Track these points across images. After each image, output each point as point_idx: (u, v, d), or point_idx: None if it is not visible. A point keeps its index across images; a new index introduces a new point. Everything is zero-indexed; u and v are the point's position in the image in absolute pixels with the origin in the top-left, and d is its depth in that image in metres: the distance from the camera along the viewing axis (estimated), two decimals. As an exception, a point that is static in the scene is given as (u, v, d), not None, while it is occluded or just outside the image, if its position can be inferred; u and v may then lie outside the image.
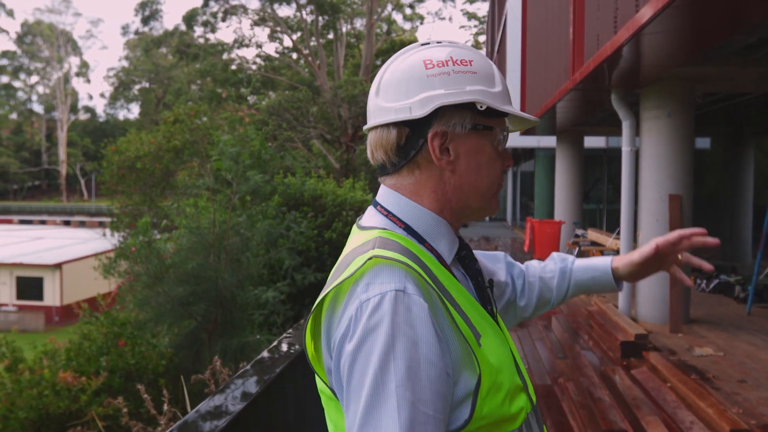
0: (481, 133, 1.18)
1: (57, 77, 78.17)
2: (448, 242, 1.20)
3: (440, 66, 1.17)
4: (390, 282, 1.03)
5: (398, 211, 1.20)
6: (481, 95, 1.15)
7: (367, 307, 1.01)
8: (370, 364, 0.98)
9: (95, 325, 7.98)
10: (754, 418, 4.75)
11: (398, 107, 1.17)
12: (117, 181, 17.06)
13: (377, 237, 1.13)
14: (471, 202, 1.21)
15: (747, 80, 7.76)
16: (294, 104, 22.27)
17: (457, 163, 1.18)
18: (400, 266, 1.05)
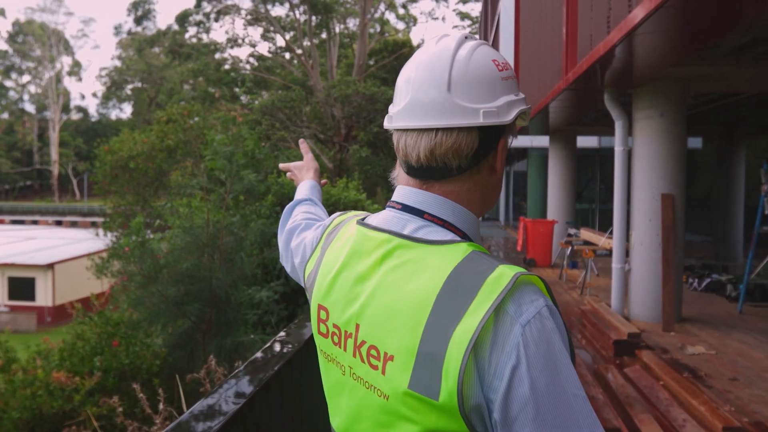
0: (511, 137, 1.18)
1: (49, 77, 77.86)
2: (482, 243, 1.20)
3: (506, 69, 1.15)
4: (537, 298, 0.99)
5: (455, 220, 1.13)
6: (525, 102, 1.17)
7: (532, 330, 0.96)
8: (559, 385, 0.94)
9: (89, 325, 7.96)
10: (746, 415, 4.79)
11: (487, 110, 1.10)
12: (110, 181, 17.02)
13: (474, 251, 1.05)
14: (490, 207, 1.21)
15: (740, 80, 7.80)
16: (287, 104, 22.24)
17: (500, 170, 1.18)
18: (535, 279, 1.02)
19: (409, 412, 1.01)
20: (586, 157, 19.42)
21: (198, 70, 30.86)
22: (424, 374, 0.99)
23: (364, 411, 1.12)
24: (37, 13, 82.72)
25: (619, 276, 8.19)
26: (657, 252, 7.68)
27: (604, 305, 8.12)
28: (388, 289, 1.08)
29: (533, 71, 12.74)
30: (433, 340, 0.98)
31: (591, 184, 20.61)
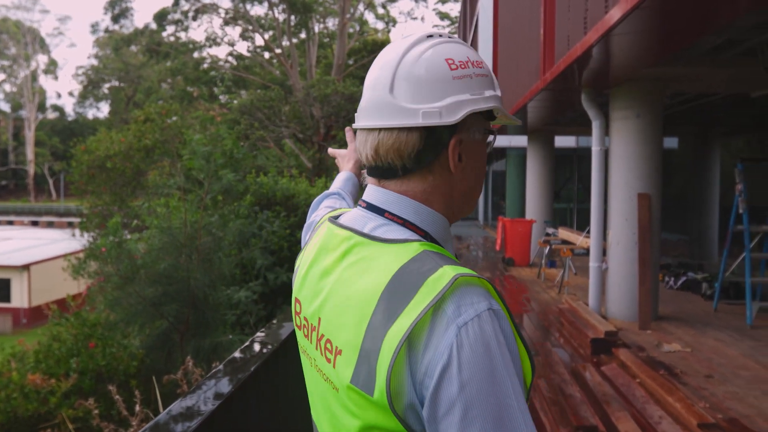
0: (483, 139, 1.16)
1: (24, 75, 76.85)
2: (453, 244, 1.19)
3: (462, 68, 1.12)
4: (480, 301, 0.97)
5: (416, 219, 1.13)
6: (496, 101, 1.14)
7: (468, 332, 0.94)
8: (490, 391, 0.92)
9: (65, 327, 7.87)
10: (720, 412, 4.85)
11: (426, 110, 1.09)
12: (87, 181, 16.85)
13: (425, 251, 1.04)
14: (467, 206, 1.19)
15: (715, 81, 7.90)
16: (266, 103, 22.16)
17: (466, 169, 1.15)
18: (481, 281, 1.00)
19: (353, 406, 1.03)
20: (564, 156, 19.56)
21: (176, 69, 30.65)
22: (363, 370, 1.00)
23: (324, 402, 1.15)
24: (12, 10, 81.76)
25: (596, 275, 8.26)
26: (633, 251, 7.75)
27: (581, 304, 8.18)
28: (344, 285, 1.10)
29: (512, 71, 12.80)
30: (372, 338, 0.99)
31: (569, 183, 20.76)
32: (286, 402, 3.00)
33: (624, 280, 7.84)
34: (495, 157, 26.18)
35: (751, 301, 7.71)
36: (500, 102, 1.15)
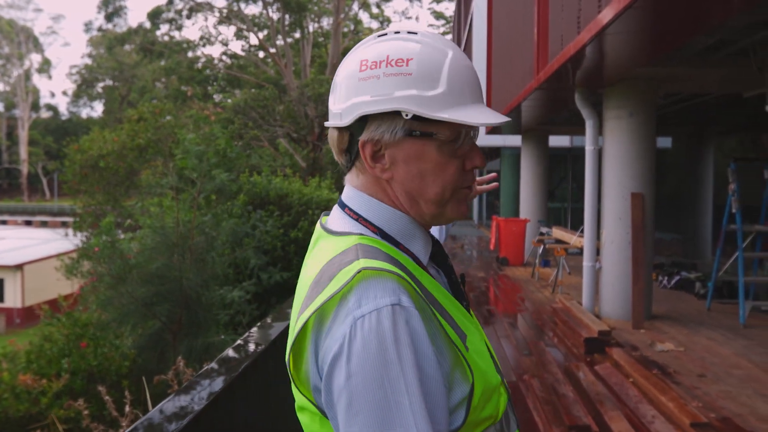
0: (424, 139, 1.10)
1: (18, 74, 76.59)
2: (423, 242, 1.17)
3: (372, 68, 1.10)
4: (384, 296, 0.97)
5: (369, 214, 1.15)
6: (410, 102, 1.07)
7: (364, 325, 0.95)
8: (377, 384, 0.92)
9: (56, 327, 7.84)
10: (713, 411, 4.85)
11: (335, 112, 1.15)
12: (80, 181, 16.78)
13: (357, 244, 1.07)
14: (424, 210, 1.15)
15: (708, 81, 7.91)
16: (260, 103, 22.14)
17: (395, 171, 1.13)
18: (391, 276, 1.00)
19: (294, 381, 1.09)
20: (559, 156, 19.58)
21: (170, 68, 30.58)
22: (289, 351, 1.06)
23: None
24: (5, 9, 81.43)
25: (589, 274, 8.26)
26: (627, 250, 7.76)
27: (575, 303, 8.18)
28: (302, 276, 1.16)
29: (506, 70, 12.80)
30: (294, 323, 1.06)
31: (563, 183, 20.78)
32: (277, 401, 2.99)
33: (617, 279, 7.85)
34: (490, 156, 26.20)
35: (744, 300, 7.72)
36: (429, 101, 1.08)
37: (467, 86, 1.12)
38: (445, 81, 1.09)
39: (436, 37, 1.15)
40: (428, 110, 1.07)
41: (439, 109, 1.08)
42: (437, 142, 1.10)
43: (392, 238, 1.13)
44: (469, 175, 1.17)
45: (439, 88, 1.09)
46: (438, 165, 1.11)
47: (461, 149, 1.14)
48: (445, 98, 1.08)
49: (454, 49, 1.14)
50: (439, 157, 1.11)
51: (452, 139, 1.11)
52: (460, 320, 1.10)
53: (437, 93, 1.08)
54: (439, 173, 1.12)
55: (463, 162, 1.14)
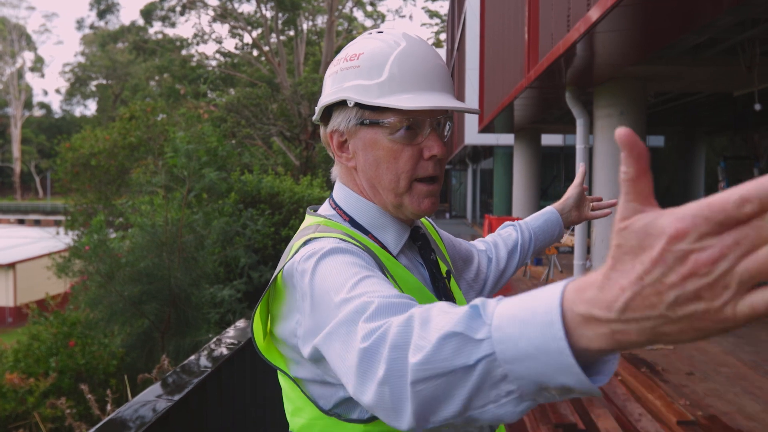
0: (375, 127, 1.15)
1: (10, 72, 76.27)
2: (395, 233, 1.20)
3: (335, 65, 1.20)
4: (321, 248, 1.03)
5: (343, 204, 1.22)
6: (354, 90, 1.14)
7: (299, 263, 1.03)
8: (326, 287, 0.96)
9: (44, 326, 7.80)
10: (700, 409, 4.86)
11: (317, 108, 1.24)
12: (71, 179, 16.71)
13: (318, 224, 1.17)
14: (385, 198, 1.18)
15: (697, 79, 7.92)
16: (253, 101, 22.08)
17: (357, 160, 1.19)
18: (336, 236, 1.08)
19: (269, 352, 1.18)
20: (551, 154, 19.61)
21: (163, 66, 30.53)
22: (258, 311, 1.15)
23: None
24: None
25: (580, 272, 8.27)
26: (617, 249, 7.75)
27: (565, 302, 8.18)
28: None
29: (498, 69, 12.80)
30: None
31: (556, 181, 20.80)
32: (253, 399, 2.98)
33: (608, 277, 7.84)
34: (483, 155, 26.21)
35: (734, 298, 7.73)
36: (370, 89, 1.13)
37: (412, 74, 1.14)
38: (387, 70, 1.13)
39: (397, 34, 1.18)
40: (367, 97, 1.12)
41: (378, 96, 1.12)
42: (388, 130, 1.14)
43: (362, 227, 1.19)
44: (429, 165, 1.16)
45: (381, 77, 1.13)
46: (390, 152, 1.15)
47: (419, 137, 1.15)
48: (385, 86, 1.13)
49: (410, 41, 1.17)
50: (391, 145, 1.14)
51: (403, 126, 1.13)
52: None
53: (378, 81, 1.13)
54: (392, 161, 1.15)
55: (421, 150, 1.15)
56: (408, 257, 1.22)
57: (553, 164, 20.42)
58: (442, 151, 1.16)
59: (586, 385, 0.62)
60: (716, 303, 0.52)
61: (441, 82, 1.17)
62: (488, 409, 0.70)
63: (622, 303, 0.56)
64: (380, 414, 0.79)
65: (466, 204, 33.12)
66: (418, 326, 0.74)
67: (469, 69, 19.57)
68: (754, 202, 0.50)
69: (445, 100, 1.13)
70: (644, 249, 0.55)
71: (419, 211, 1.18)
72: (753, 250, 0.50)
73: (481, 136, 19.30)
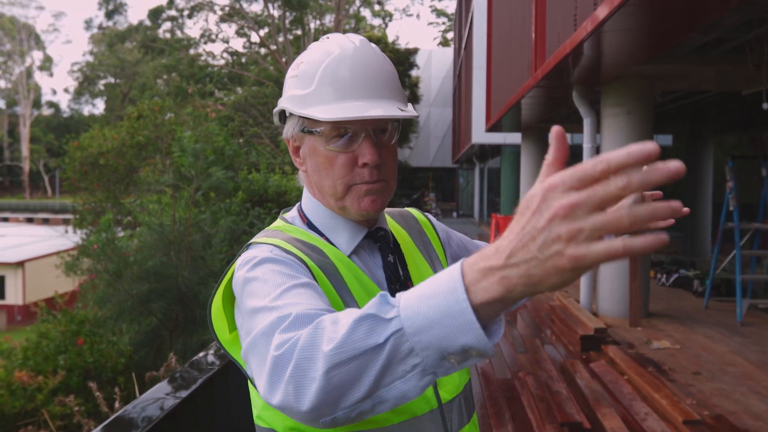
0: (312, 135, 1.18)
1: (19, 71, 76.62)
2: (348, 235, 1.23)
3: (288, 72, 1.25)
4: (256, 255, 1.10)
5: (305, 206, 1.28)
6: (289, 100, 1.19)
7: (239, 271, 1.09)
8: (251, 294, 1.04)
9: (53, 324, 7.85)
10: (707, 408, 4.85)
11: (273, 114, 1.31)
12: (80, 178, 16.77)
13: (273, 229, 1.24)
14: (330, 202, 1.22)
15: (705, 78, 7.89)
16: (260, 100, 22.15)
17: (307, 165, 1.23)
18: (266, 243, 1.14)
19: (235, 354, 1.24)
20: (559, 154, 19.52)
21: (171, 65, 30.59)
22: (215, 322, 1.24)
23: None
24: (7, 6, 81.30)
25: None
26: (624, 248, 7.74)
27: (572, 301, 8.18)
28: None
29: (505, 68, 12.79)
30: None
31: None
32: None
33: (615, 277, 7.84)
34: (490, 154, 26.18)
35: (742, 298, 7.72)
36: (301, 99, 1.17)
37: (339, 83, 1.15)
38: (316, 80, 1.16)
39: (338, 41, 1.20)
40: (295, 107, 1.17)
41: (304, 106, 1.16)
42: (322, 138, 1.17)
43: (317, 229, 1.24)
44: (365, 171, 1.17)
45: (311, 86, 1.16)
46: (327, 159, 1.18)
47: (354, 144, 1.17)
48: (312, 96, 1.16)
49: (345, 49, 1.18)
50: (326, 152, 1.17)
51: (335, 134, 1.16)
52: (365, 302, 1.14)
53: (307, 92, 1.17)
54: (329, 167, 1.18)
55: (356, 157, 1.17)
56: (363, 258, 1.24)
57: (561, 163, 20.35)
58: (374, 159, 1.16)
59: (483, 340, 0.73)
60: (572, 244, 0.65)
61: (376, 89, 1.17)
62: (395, 386, 0.78)
63: (509, 250, 0.70)
64: (287, 412, 0.85)
65: (473, 203, 33.10)
66: (329, 325, 0.82)
67: (476, 68, 19.55)
68: (604, 163, 0.64)
69: (372, 108, 1.13)
70: (529, 207, 0.69)
71: (360, 211, 1.19)
72: (603, 202, 0.64)
73: (488, 135, 19.26)
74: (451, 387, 1.23)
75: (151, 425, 1.77)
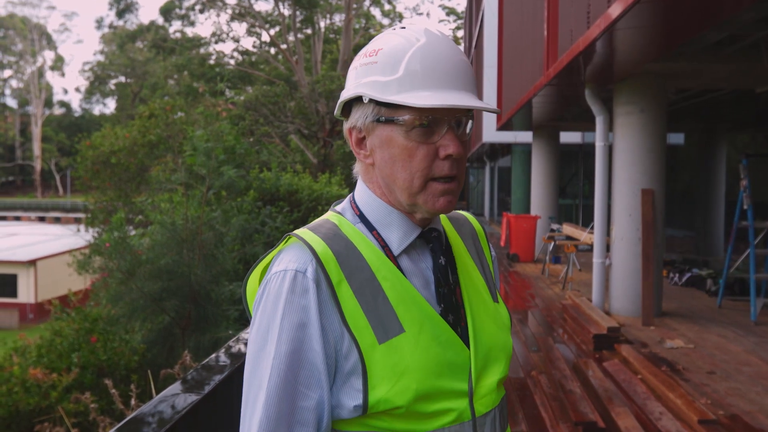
0: (390, 124, 1.14)
1: (31, 71, 77.08)
2: (401, 232, 1.19)
3: (356, 60, 1.20)
4: (291, 260, 1.11)
5: (358, 199, 1.23)
6: (369, 87, 1.14)
7: (270, 284, 1.11)
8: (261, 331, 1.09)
9: (66, 322, 7.89)
10: (722, 408, 4.82)
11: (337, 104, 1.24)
12: (91, 177, 16.86)
13: (320, 218, 1.23)
14: (399, 197, 1.17)
15: (718, 76, 7.85)
16: (271, 99, 22.18)
17: (375, 157, 1.18)
18: (305, 247, 1.12)
19: None
20: (570, 152, 19.48)
21: (182, 64, 30.67)
22: None
23: None
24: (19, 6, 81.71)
25: (599, 271, 8.23)
26: (637, 247, 7.72)
27: (584, 300, 8.15)
28: None
29: (516, 66, 12.75)
30: None
31: (575, 179, 20.68)
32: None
33: (627, 275, 7.81)
34: (501, 152, 26.11)
35: (756, 297, 7.67)
36: (385, 85, 1.12)
37: (429, 71, 1.12)
38: (404, 66, 1.12)
39: (418, 30, 1.16)
40: (381, 93, 1.12)
41: (392, 92, 1.11)
42: (404, 127, 1.12)
43: (369, 223, 1.20)
44: (445, 164, 1.14)
45: (398, 73, 1.12)
46: (405, 150, 1.13)
47: (435, 136, 1.13)
48: (400, 82, 1.11)
49: (431, 38, 1.15)
50: (406, 142, 1.13)
51: (419, 124, 1.12)
52: (404, 315, 1.11)
53: (393, 78, 1.12)
54: (407, 159, 1.13)
55: (437, 149, 1.13)
56: (413, 259, 1.20)
57: (572, 162, 20.28)
58: (459, 150, 1.13)
59: None
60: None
61: (461, 80, 1.14)
62: None
63: None
64: None
65: (484, 202, 33.03)
66: None
67: (487, 66, 19.49)
68: None
69: (463, 98, 1.11)
70: None
71: (434, 210, 1.16)
72: None
73: (499, 133, 19.20)
74: (488, 400, 1.19)
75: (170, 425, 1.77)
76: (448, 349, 1.13)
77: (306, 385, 1.06)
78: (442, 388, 1.11)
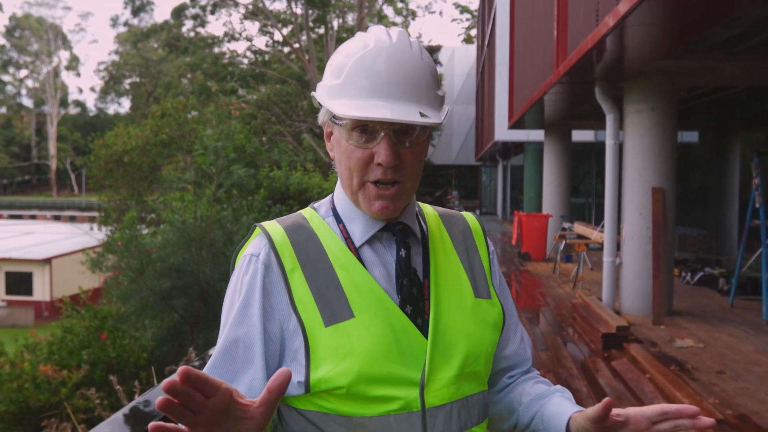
0: (337, 126, 1.20)
1: (47, 71, 77.62)
2: (363, 225, 1.24)
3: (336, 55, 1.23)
4: (252, 247, 1.23)
5: (335, 193, 1.31)
6: (320, 89, 1.21)
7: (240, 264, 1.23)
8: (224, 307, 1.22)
9: (77, 319, 7.95)
10: (730, 408, 4.79)
11: None
12: (104, 176, 16.95)
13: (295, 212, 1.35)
14: (346, 192, 1.25)
15: (729, 74, 7.78)
16: (283, 98, 22.22)
17: (335, 152, 1.25)
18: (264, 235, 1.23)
19: None
20: (582, 151, 19.40)
21: (195, 64, 30.76)
22: None
23: None
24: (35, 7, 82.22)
25: (610, 269, 8.19)
26: (647, 245, 7.67)
27: (594, 299, 8.11)
28: None
29: (528, 65, 12.71)
30: None
31: (587, 178, 20.59)
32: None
33: (638, 274, 7.77)
34: (513, 151, 26.04)
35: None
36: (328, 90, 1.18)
37: (363, 79, 1.14)
38: (345, 72, 1.16)
39: (373, 35, 1.18)
40: (323, 97, 1.19)
41: (330, 96, 1.17)
42: (345, 130, 1.17)
43: (339, 216, 1.27)
44: (379, 170, 1.16)
45: (340, 78, 1.16)
46: (346, 151, 1.19)
47: (373, 142, 1.16)
48: (340, 87, 1.16)
49: (380, 44, 1.15)
50: (346, 144, 1.18)
51: (355, 129, 1.16)
52: (356, 300, 1.16)
53: (336, 83, 1.17)
54: (346, 159, 1.19)
55: (372, 155, 1.16)
56: (377, 251, 1.23)
57: (585, 160, 20.19)
58: (388, 161, 1.13)
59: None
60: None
61: (403, 89, 1.13)
62: None
63: None
64: None
65: (496, 200, 32.96)
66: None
67: (499, 65, 19.44)
68: None
69: (393, 109, 1.11)
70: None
71: (371, 212, 1.20)
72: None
73: (511, 132, 19.15)
74: (444, 393, 1.17)
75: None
76: (402, 338, 1.15)
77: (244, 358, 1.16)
78: (390, 374, 1.13)
